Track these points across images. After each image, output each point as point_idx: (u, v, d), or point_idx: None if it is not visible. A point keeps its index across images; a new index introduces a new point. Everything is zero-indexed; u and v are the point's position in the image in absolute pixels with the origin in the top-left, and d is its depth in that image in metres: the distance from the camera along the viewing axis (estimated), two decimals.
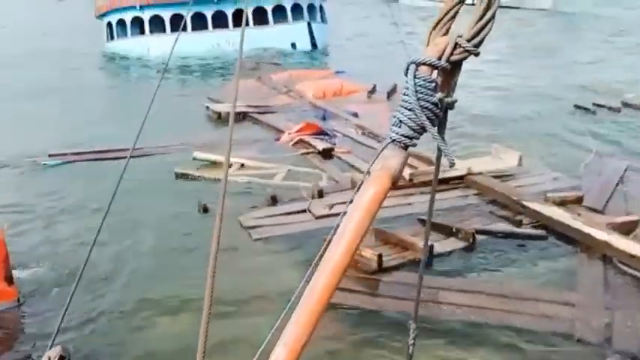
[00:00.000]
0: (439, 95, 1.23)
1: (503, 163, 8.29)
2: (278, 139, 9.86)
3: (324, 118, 11.08)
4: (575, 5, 35.64)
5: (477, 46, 1.22)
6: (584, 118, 11.45)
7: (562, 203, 6.93)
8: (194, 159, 8.74)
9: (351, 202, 1.24)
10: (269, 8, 20.34)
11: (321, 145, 9.22)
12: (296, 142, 9.62)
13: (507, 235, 6.38)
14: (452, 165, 1.36)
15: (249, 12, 19.85)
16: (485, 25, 1.21)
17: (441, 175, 7.69)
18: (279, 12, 20.71)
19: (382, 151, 1.25)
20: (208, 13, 19.99)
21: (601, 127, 10.74)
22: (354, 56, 20.42)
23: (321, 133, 9.89)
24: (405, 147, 1.25)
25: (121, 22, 20.98)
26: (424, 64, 1.23)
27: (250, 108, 11.93)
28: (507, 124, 11.23)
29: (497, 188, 7.47)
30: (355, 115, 11.31)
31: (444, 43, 1.24)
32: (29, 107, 13.03)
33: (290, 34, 20.42)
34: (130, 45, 20.71)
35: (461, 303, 5.08)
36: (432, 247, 5.80)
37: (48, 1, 48.37)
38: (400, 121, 1.25)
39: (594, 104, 11.83)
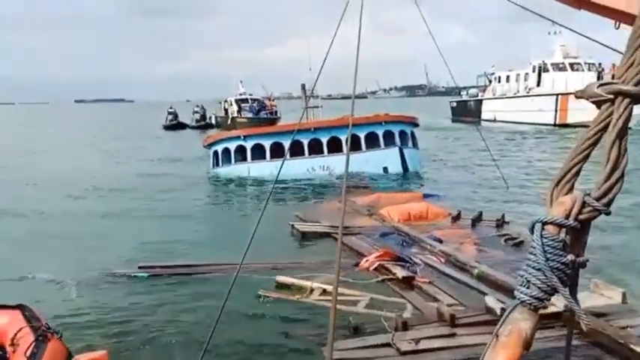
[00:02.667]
0: (571, 256, 1.18)
1: (605, 300, 7.52)
2: (357, 264, 9.73)
3: (404, 244, 10.87)
4: None
5: (607, 205, 1.18)
6: None
7: None
8: (276, 283, 8.81)
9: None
10: (362, 135, 21.25)
11: (401, 272, 8.95)
12: (376, 268, 9.42)
13: None
14: (587, 329, 1.26)
15: (342, 139, 20.92)
16: (615, 184, 1.19)
17: None
18: (372, 139, 21.54)
19: (510, 312, 1.20)
20: (305, 141, 21.20)
21: None
22: (445, 180, 20.58)
23: (400, 259, 9.66)
24: (536, 309, 1.19)
25: (226, 151, 22.74)
26: (552, 223, 1.20)
27: (333, 229, 12.08)
28: (605, 257, 10.41)
29: (599, 328, 6.59)
30: (439, 241, 11.03)
31: (571, 201, 1.22)
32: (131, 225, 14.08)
33: (382, 158, 21.09)
34: (233, 169, 22.47)
35: None
36: None
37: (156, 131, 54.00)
38: (528, 282, 1.20)
39: None
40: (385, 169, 21.11)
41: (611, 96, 1.23)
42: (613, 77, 1.27)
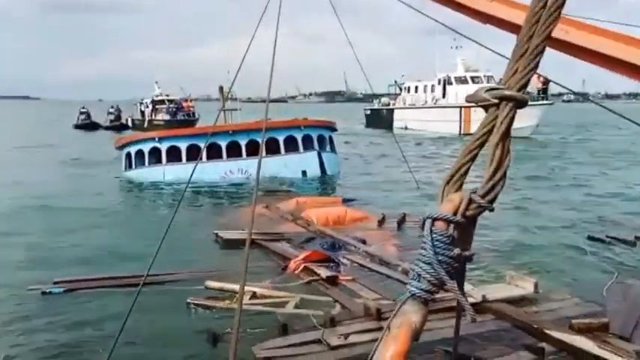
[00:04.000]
0: (457, 250, 1.25)
1: (519, 290, 8.11)
2: (285, 267, 9.82)
3: (332, 247, 11.07)
4: (549, 133, 38.79)
5: (492, 202, 1.26)
6: (598, 246, 11.39)
7: (587, 330, 6.66)
8: (206, 288, 8.65)
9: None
10: (281, 139, 21.25)
11: (325, 272, 9.20)
12: (302, 270, 9.56)
13: None
14: (473, 321, 1.33)
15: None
16: (498, 182, 1.27)
17: (454, 304, 7.62)
18: (291, 143, 21.59)
19: (402, 306, 1.25)
20: (223, 143, 20.88)
21: (616, 256, 10.64)
22: (362, 184, 21.07)
23: (327, 260, 9.89)
24: (425, 302, 1.25)
25: (139, 153, 21.90)
26: (440, 219, 1.26)
27: (259, 236, 12.06)
28: (518, 252, 11.13)
29: (514, 315, 7.25)
30: (364, 242, 11.33)
31: (459, 199, 1.29)
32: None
33: (301, 162, 21.20)
34: (146, 172, 21.56)
35: None
36: None
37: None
38: (419, 275, 1.26)
39: (608, 236, 11.74)
40: (304, 172, 21.25)
41: (497, 100, 1.32)
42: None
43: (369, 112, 65.88)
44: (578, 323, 6.79)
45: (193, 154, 20.45)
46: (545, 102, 42.62)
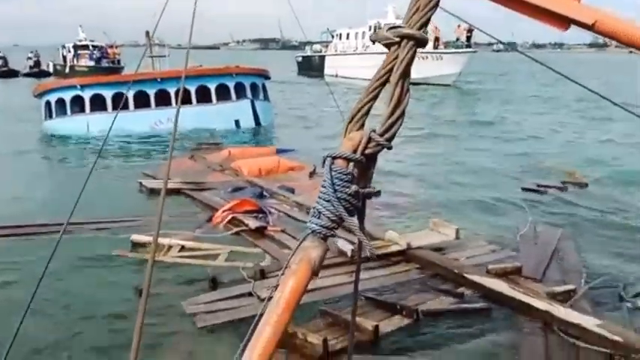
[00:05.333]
0: (354, 187, 1.26)
1: (441, 237, 8.47)
2: (211, 218, 9.70)
3: (260, 196, 11.03)
4: (473, 82, 40.13)
5: (390, 140, 1.28)
6: (517, 191, 11.98)
7: (502, 274, 7.09)
8: (132, 242, 8.47)
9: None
10: (212, 87, 20.68)
11: (253, 223, 9.15)
12: (229, 221, 9.49)
13: (451, 311, 6.39)
14: (372, 255, 1.37)
15: (192, 90, 20.18)
16: (397, 121, 1.28)
17: (381, 251, 7.90)
18: (223, 91, 21.08)
19: (302, 242, 1.26)
20: (151, 92, 20.11)
21: (536, 201, 11.27)
22: (297, 134, 21.02)
23: (256, 210, 9.83)
24: (325, 237, 1.27)
25: (60, 101, 20.69)
26: (340, 157, 1.27)
27: (184, 185, 11.88)
28: (442, 199, 11.56)
29: (437, 261, 7.60)
30: (292, 191, 11.38)
31: (359, 137, 1.30)
32: None
33: (233, 111, 20.76)
34: (68, 122, 20.34)
35: None
36: (376, 327, 5.73)
37: None
38: (319, 212, 1.27)
39: (538, 185, 12.29)
40: (237, 122, 20.85)
41: (398, 39, 1.32)
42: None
43: (300, 59, 65.15)
44: (494, 268, 7.22)
45: (119, 103, 19.54)
46: (468, 50, 43.49)
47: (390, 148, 1.29)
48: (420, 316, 6.14)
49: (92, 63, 52.20)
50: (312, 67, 59.05)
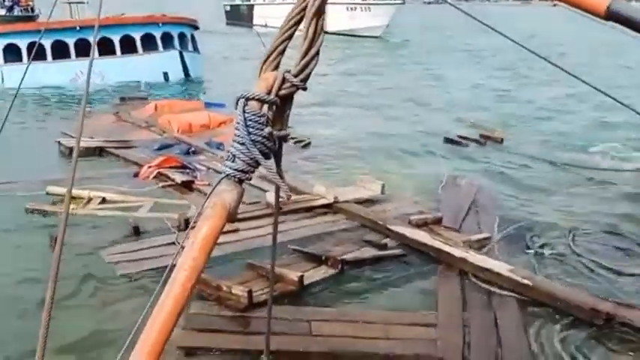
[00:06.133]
0: (268, 129, 1.24)
1: (368, 192, 8.68)
2: (137, 174, 9.47)
3: (187, 153, 10.82)
4: (402, 34, 40.82)
5: (304, 80, 1.26)
6: (439, 144, 12.37)
7: (423, 224, 7.40)
8: (47, 194, 8.12)
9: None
10: (137, 37, 19.68)
11: (180, 177, 9.04)
12: (155, 176, 9.31)
13: (374, 260, 6.61)
14: (288, 198, 1.37)
15: (115, 40, 19.13)
16: (311, 60, 1.26)
17: (308, 204, 8.01)
18: (150, 41, 20.11)
19: (216, 186, 1.23)
20: (70, 41, 18.88)
21: (457, 153, 11.69)
22: (228, 88, 20.42)
23: (182, 167, 9.67)
24: (240, 181, 1.25)
25: None
26: (254, 98, 1.24)
27: (107, 143, 11.43)
28: (369, 155, 11.77)
29: (362, 213, 7.80)
30: (220, 146, 11.21)
31: (273, 78, 1.27)
32: None
33: (161, 63, 19.90)
34: None
35: (331, 333, 5.11)
36: (301, 277, 5.83)
37: None
38: (234, 156, 1.25)
39: (459, 136, 12.71)
40: (165, 75, 20.03)
41: None
42: None
43: (228, 8, 63.01)
44: (416, 219, 7.51)
45: (36, 53, 18.19)
46: (396, 1, 43.54)
47: (304, 89, 1.27)
48: (344, 266, 6.31)
49: (4, 11, 48.20)
50: (240, 17, 57.28)
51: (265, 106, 1.25)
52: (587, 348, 4.94)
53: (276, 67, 1.30)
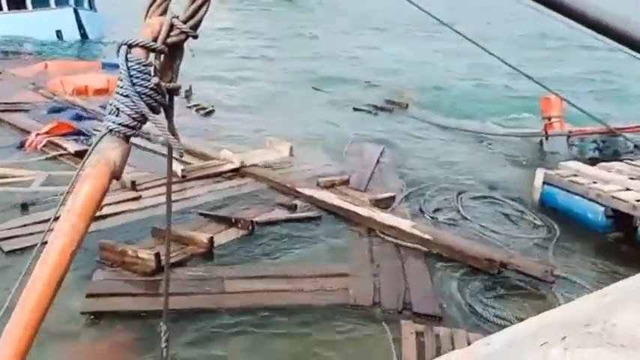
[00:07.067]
0: (155, 80, 1.14)
1: (276, 154, 8.63)
2: (23, 143, 8.68)
3: (79, 118, 10.08)
4: None
5: (195, 28, 1.16)
6: (349, 111, 12.51)
7: (331, 186, 7.51)
8: None
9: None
10: None
11: (74, 147, 8.38)
12: (45, 145, 8.59)
13: (284, 221, 6.63)
14: (181, 156, 1.30)
15: None
16: (202, 5, 1.16)
17: (216, 170, 7.84)
18: None
19: (98, 143, 1.12)
20: None
21: (365, 120, 11.86)
22: None
23: (76, 133, 9.02)
24: (126, 137, 1.14)
25: None
26: (137, 45, 1.12)
27: None
28: (272, 114, 11.66)
29: (271, 177, 7.79)
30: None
31: (159, 23, 1.16)
32: None
33: (54, 20, 18.34)
34: None
35: (244, 289, 5.12)
36: (211, 238, 5.76)
37: None
38: (117, 109, 1.13)
39: (367, 104, 12.88)
40: (59, 33, 18.49)
41: None
42: None
43: None
44: (324, 181, 7.59)
45: None
46: None
47: (195, 37, 1.17)
48: (255, 227, 6.28)
49: None
50: None
51: (152, 55, 1.14)
52: (482, 294, 5.28)
53: (164, 13, 1.19)
